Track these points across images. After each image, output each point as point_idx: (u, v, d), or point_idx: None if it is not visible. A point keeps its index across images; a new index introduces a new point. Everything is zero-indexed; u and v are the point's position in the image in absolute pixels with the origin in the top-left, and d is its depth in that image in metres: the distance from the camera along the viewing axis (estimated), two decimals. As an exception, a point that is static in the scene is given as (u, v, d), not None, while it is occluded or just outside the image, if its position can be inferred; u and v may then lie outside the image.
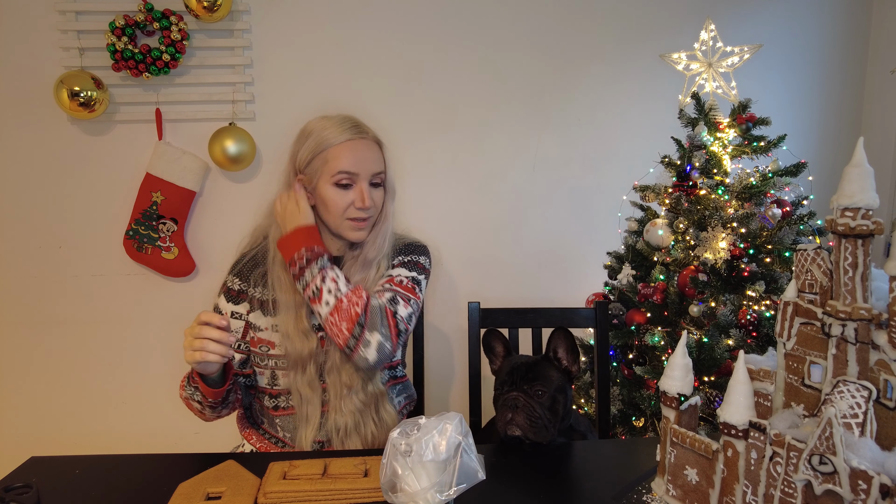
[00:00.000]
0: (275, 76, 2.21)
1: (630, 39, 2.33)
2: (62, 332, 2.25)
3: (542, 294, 2.38)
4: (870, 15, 2.46)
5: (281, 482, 0.93)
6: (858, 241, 0.73)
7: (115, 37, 2.02)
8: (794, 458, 0.71)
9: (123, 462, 1.08)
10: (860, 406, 0.69)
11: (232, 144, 2.09)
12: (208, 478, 0.97)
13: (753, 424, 0.76)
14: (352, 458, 1.00)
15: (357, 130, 1.26)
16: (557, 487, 0.98)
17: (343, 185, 1.23)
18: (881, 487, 0.63)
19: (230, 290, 1.31)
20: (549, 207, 2.39)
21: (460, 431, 0.83)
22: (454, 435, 0.82)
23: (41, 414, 2.28)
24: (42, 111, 2.12)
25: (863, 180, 0.72)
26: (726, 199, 1.73)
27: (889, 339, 0.72)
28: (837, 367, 0.75)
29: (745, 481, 0.78)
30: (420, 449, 0.81)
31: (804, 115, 2.47)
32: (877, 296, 0.75)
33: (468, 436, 0.85)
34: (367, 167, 1.24)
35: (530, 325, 1.55)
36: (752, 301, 1.65)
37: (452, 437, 0.82)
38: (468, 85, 2.29)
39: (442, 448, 0.81)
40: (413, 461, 0.80)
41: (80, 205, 2.20)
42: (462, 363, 2.38)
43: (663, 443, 0.91)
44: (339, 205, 1.23)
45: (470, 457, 0.84)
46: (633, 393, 1.77)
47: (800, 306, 0.80)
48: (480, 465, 0.84)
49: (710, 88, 1.84)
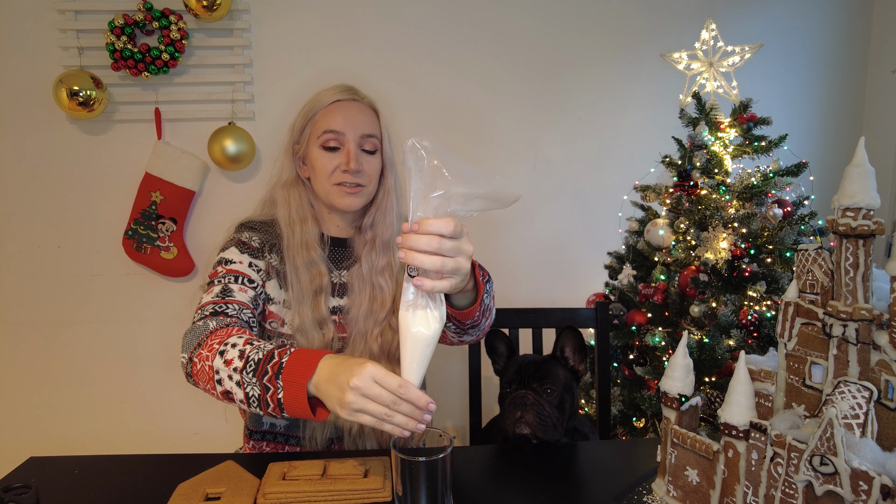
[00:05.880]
0: (274, 75, 2.21)
1: (631, 39, 2.33)
2: (61, 332, 2.25)
3: (543, 294, 2.38)
4: (871, 15, 2.46)
5: (280, 483, 0.93)
6: (860, 242, 0.73)
7: (115, 36, 2.02)
8: (794, 458, 0.70)
9: (122, 462, 1.08)
10: (861, 407, 0.69)
11: (231, 144, 2.08)
12: (207, 478, 0.97)
13: (754, 425, 0.76)
14: (352, 459, 1.00)
15: (349, 93, 1.22)
16: (558, 488, 0.97)
17: (330, 147, 1.18)
18: (882, 488, 0.63)
19: (246, 243, 1.19)
20: (549, 207, 2.39)
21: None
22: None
23: (40, 414, 2.28)
24: (41, 111, 2.12)
25: (864, 180, 0.72)
26: (727, 199, 1.73)
27: (890, 340, 0.71)
28: (838, 367, 0.75)
29: (746, 482, 0.78)
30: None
31: (805, 115, 2.47)
32: (878, 296, 0.75)
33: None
34: (355, 127, 1.18)
35: (531, 325, 1.55)
36: (753, 301, 1.65)
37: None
38: (468, 86, 2.29)
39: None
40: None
41: (80, 204, 2.20)
42: (462, 363, 2.38)
43: (664, 443, 0.91)
44: (326, 167, 1.18)
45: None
46: (634, 393, 1.77)
47: (801, 307, 0.80)
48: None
49: (711, 88, 1.84)
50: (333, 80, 1.28)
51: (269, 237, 1.21)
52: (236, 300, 1.10)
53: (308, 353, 0.89)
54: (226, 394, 0.94)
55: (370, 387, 0.80)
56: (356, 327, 1.21)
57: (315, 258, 1.19)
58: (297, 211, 1.22)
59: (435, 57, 2.26)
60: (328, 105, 1.21)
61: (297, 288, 1.17)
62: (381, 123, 1.25)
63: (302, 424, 1.24)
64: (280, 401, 0.87)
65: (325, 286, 1.19)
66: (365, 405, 0.81)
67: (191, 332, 1.03)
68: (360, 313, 1.21)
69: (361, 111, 1.22)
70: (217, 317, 1.05)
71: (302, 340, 1.17)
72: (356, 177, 1.19)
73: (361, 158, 1.20)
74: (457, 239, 0.82)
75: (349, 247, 1.27)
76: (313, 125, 1.21)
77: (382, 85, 2.25)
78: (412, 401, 0.81)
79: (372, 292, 1.22)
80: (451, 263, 0.81)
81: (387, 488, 0.92)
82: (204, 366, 0.95)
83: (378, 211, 1.25)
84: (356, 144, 1.19)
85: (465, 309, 1.02)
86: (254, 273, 1.17)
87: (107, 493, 0.97)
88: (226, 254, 1.18)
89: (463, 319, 1.03)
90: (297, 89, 2.22)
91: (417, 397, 0.82)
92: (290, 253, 1.19)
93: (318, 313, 1.17)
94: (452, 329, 1.09)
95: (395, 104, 2.26)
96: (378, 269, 1.22)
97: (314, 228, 1.22)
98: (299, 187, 1.25)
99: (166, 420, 2.31)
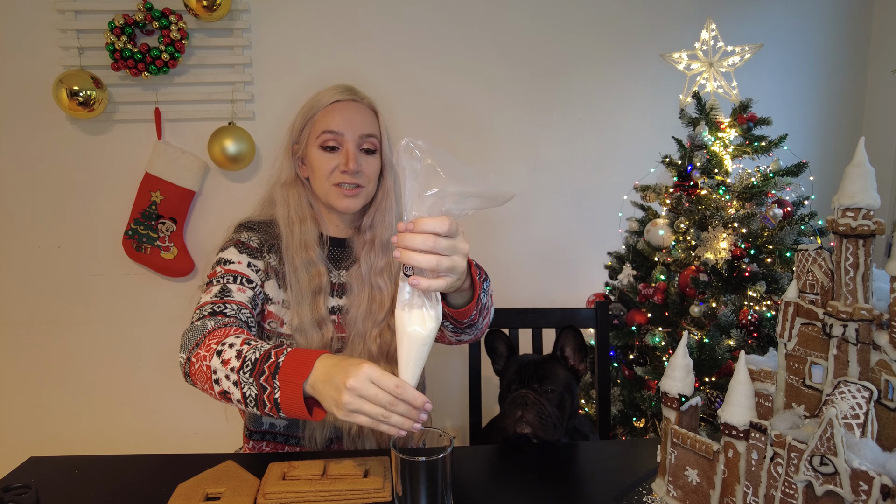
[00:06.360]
0: (274, 75, 2.21)
1: (631, 39, 2.33)
2: (61, 332, 2.25)
3: (543, 294, 2.38)
4: (871, 14, 2.46)
5: (280, 483, 0.93)
6: (860, 242, 0.73)
7: (115, 36, 2.02)
8: (794, 458, 0.70)
9: (122, 462, 1.08)
10: (861, 407, 0.69)
11: (231, 144, 2.08)
12: (207, 478, 0.97)
13: (754, 425, 0.76)
14: (351, 459, 1.00)
15: (349, 94, 1.22)
16: (558, 488, 0.97)
17: (329, 147, 1.18)
18: (882, 488, 0.63)
19: (244, 243, 1.18)
20: (549, 207, 2.39)
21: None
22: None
23: (40, 414, 2.28)
24: (41, 110, 2.12)
25: (864, 180, 0.72)
26: (727, 199, 1.73)
27: (890, 340, 0.71)
28: (838, 367, 0.75)
29: (746, 482, 0.78)
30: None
31: (805, 115, 2.47)
32: (878, 296, 0.75)
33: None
34: (354, 127, 1.18)
35: (530, 325, 1.55)
36: (753, 301, 1.65)
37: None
38: (468, 86, 2.29)
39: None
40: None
41: (79, 204, 2.20)
42: (462, 363, 2.38)
43: (664, 443, 0.91)
44: (325, 168, 1.17)
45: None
46: (634, 393, 1.77)
47: (801, 307, 0.80)
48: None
49: (711, 88, 1.84)
50: (333, 80, 1.28)
51: (268, 237, 1.21)
52: (235, 300, 1.10)
53: (304, 354, 0.89)
54: (223, 394, 0.94)
55: (367, 387, 0.80)
56: (355, 328, 1.21)
57: (314, 258, 1.19)
58: (297, 211, 1.22)
59: (435, 57, 2.26)
60: (327, 105, 1.21)
61: (295, 288, 1.17)
62: (381, 124, 1.25)
63: (301, 424, 1.23)
64: (277, 401, 0.87)
65: (323, 286, 1.19)
66: (361, 406, 0.80)
67: (189, 332, 1.03)
68: (358, 314, 1.21)
69: (361, 111, 1.22)
70: (215, 317, 1.05)
71: (301, 340, 1.16)
72: (355, 177, 1.19)
73: (360, 159, 1.20)
74: (452, 237, 0.82)
75: (348, 247, 1.27)
76: (312, 125, 1.21)
77: (382, 85, 2.25)
78: (409, 401, 0.81)
79: (371, 293, 1.22)
80: (446, 262, 0.81)
81: (387, 488, 0.92)
82: (202, 366, 0.95)
83: (377, 211, 1.25)
84: (355, 145, 1.19)
85: (462, 308, 1.02)
86: (252, 273, 1.16)
87: (107, 493, 0.97)
88: (224, 254, 1.18)
89: (460, 318, 1.03)
90: (297, 89, 2.22)
91: (414, 397, 0.81)
92: (288, 253, 1.18)
93: (316, 313, 1.17)
94: (450, 328, 1.09)
95: (395, 104, 2.26)
96: (377, 269, 1.22)
97: (313, 228, 1.22)
98: (298, 187, 1.25)
99: (166, 420, 2.30)
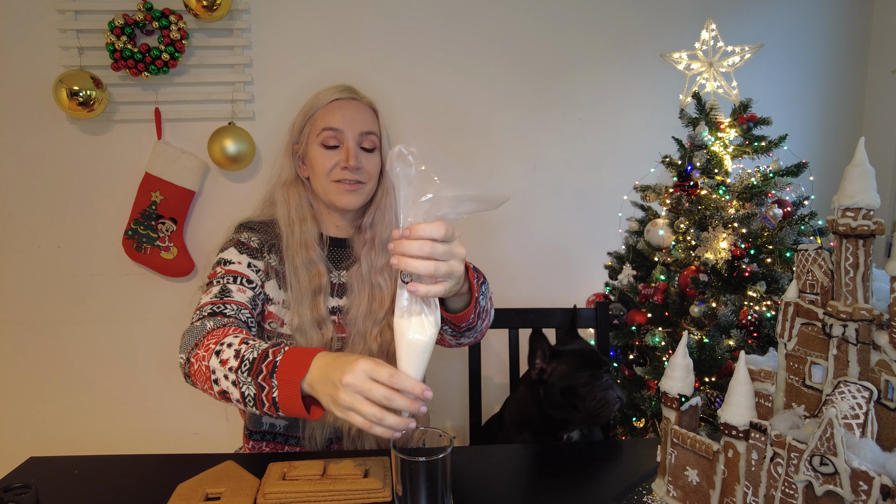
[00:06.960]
0: (274, 75, 2.21)
1: (630, 39, 2.33)
2: (61, 332, 2.25)
3: (543, 294, 2.38)
4: (871, 14, 2.46)
5: (280, 483, 0.93)
6: (859, 242, 0.73)
7: (115, 36, 2.02)
8: (794, 458, 0.70)
9: (122, 462, 1.08)
10: (861, 407, 0.69)
11: (231, 144, 2.08)
12: (207, 478, 0.97)
13: (754, 425, 0.76)
14: (351, 459, 1.00)
15: (348, 92, 1.23)
16: (558, 488, 0.97)
17: (329, 145, 1.19)
18: (882, 488, 0.63)
19: (245, 244, 1.19)
20: (549, 207, 2.39)
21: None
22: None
23: (40, 414, 2.28)
24: (41, 110, 2.12)
25: (864, 180, 0.72)
26: (727, 199, 1.73)
27: (890, 340, 0.71)
28: (838, 367, 0.75)
29: (746, 482, 0.78)
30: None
31: (805, 115, 2.47)
32: (878, 296, 0.75)
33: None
34: (354, 125, 1.19)
35: (530, 325, 1.54)
36: (753, 301, 1.65)
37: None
38: (468, 86, 2.29)
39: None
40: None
41: (79, 204, 2.20)
42: (462, 364, 2.38)
43: (664, 443, 0.91)
44: (325, 165, 1.18)
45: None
46: (634, 393, 1.76)
47: (801, 307, 0.80)
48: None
49: (711, 88, 1.84)
50: (333, 80, 1.28)
51: (269, 237, 1.21)
52: (235, 300, 1.10)
53: (302, 352, 0.89)
54: (222, 393, 0.94)
55: (363, 382, 0.79)
56: (355, 327, 1.21)
57: (314, 258, 1.19)
58: (297, 210, 1.22)
59: (435, 57, 2.26)
60: (327, 104, 1.21)
61: (296, 288, 1.17)
62: (381, 122, 1.25)
63: (301, 425, 1.23)
64: (275, 400, 0.87)
65: (324, 286, 1.19)
66: (357, 404, 0.80)
67: (188, 332, 1.03)
68: (359, 313, 1.21)
69: (360, 110, 1.22)
70: (215, 317, 1.05)
71: (301, 340, 1.16)
72: (355, 173, 1.19)
73: (361, 156, 1.20)
74: (449, 242, 0.82)
75: (348, 247, 1.27)
76: (312, 124, 1.21)
77: (382, 85, 2.26)
78: (407, 389, 0.80)
79: (371, 292, 1.22)
80: (444, 267, 0.81)
81: (387, 488, 0.92)
82: (201, 366, 0.96)
83: (377, 210, 1.25)
84: (355, 142, 1.20)
85: (460, 312, 1.02)
86: (252, 273, 1.16)
87: (107, 493, 0.97)
88: (225, 254, 1.18)
89: (458, 323, 1.03)
90: (297, 89, 2.22)
91: (412, 385, 0.81)
92: (289, 253, 1.19)
93: (317, 313, 1.17)
94: (449, 332, 1.09)
95: (395, 104, 2.26)
96: (377, 268, 1.22)
97: (313, 228, 1.22)
98: (299, 187, 1.25)
99: (166, 420, 2.30)
